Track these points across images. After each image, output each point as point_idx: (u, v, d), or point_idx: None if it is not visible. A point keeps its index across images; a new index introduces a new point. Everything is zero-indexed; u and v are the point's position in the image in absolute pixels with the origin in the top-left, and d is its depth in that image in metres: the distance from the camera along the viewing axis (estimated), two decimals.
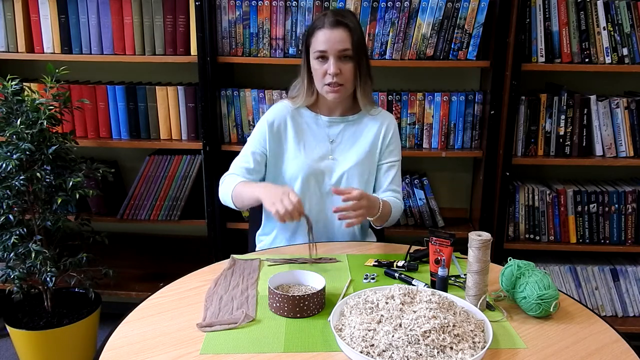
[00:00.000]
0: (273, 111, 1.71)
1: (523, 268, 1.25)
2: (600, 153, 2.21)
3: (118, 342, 1.12)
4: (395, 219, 1.71)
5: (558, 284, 2.33)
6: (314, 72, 1.62)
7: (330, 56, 1.57)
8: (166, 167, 2.33)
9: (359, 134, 1.72)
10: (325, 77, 1.59)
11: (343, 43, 1.56)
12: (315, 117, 1.71)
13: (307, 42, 1.62)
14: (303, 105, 1.71)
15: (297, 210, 1.38)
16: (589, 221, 2.26)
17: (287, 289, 1.28)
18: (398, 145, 1.77)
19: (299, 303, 1.19)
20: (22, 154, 1.89)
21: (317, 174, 1.68)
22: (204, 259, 1.81)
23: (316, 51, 1.58)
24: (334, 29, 1.56)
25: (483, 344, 1.06)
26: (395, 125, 1.76)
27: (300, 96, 1.69)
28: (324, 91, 1.62)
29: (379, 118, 1.73)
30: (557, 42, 2.12)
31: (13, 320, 2.08)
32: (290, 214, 1.37)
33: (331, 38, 1.56)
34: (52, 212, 2.00)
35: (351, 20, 1.60)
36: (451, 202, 2.54)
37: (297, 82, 1.71)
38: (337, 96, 1.61)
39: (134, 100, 2.27)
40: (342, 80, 1.59)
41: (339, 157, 1.70)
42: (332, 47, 1.56)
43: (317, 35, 1.58)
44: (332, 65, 1.56)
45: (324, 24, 1.57)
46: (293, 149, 1.69)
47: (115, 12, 2.17)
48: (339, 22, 1.57)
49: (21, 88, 2.00)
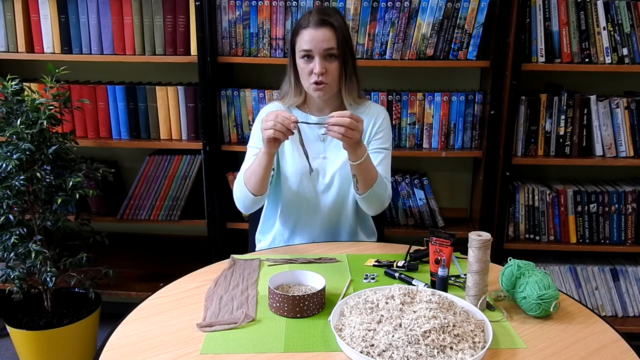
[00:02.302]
0: (265, 112, 1.71)
1: (523, 268, 1.25)
2: (600, 153, 2.21)
3: (118, 342, 1.12)
4: (381, 196, 1.61)
5: (558, 284, 2.33)
6: (300, 71, 1.63)
7: (315, 55, 1.58)
8: (166, 167, 2.33)
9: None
10: (311, 76, 1.59)
11: (328, 42, 1.57)
12: (305, 117, 1.71)
13: (293, 41, 1.63)
14: (292, 105, 1.72)
15: (286, 122, 1.41)
16: (589, 221, 2.26)
17: (287, 289, 1.28)
18: (388, 134, 1.73)
19: (299, 303, 1.19)
20: (22, 154, 1.89)
21: (311, 173, 1.67)
22: (204, 259, 1.82)
23: (301, 50, 1.59)
24: (318, 28, 1.57)
25: (483, 344, 1.06)
26: (386, 118, 1.73)
27: (289, 95, 1.70)
28: (310, 89, 1.63)
29: (368, 113, 1.71)
30: (557, 42, 2.12)
31: (13, 320, 2.08)
32: (280, 130, 1.41)
33: (316, 37, 1.57)
34: (52, 212, 2.00)
35: (336, 19, 1.60)
36: (451, 202, 2.54)
37: (285, 81, 1.72)
38: (323, 94, 1.62)
39: (134, 100, 2.27)
40: (328, 79, 1.60)
41: (329, 155, 1.70)
42: (316, 46, 1.57)
43: (302, 35, 1.59)
44: (318, 65, 1.57)
45: (309, 23, 1.58)
46: (288, 149, 1.69)
47: (115, 12, 2.17)
48: (323, 21, 1.58)
49: (21, 88, 2.00)
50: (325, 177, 1.69)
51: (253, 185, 1.57)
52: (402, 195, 2.34)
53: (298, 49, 1.61)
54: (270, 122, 1.42)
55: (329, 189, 1.70)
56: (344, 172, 1.67)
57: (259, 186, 1.57)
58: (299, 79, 1.66)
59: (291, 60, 1.66)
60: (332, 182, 1.69)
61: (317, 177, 1.69)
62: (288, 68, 1.69)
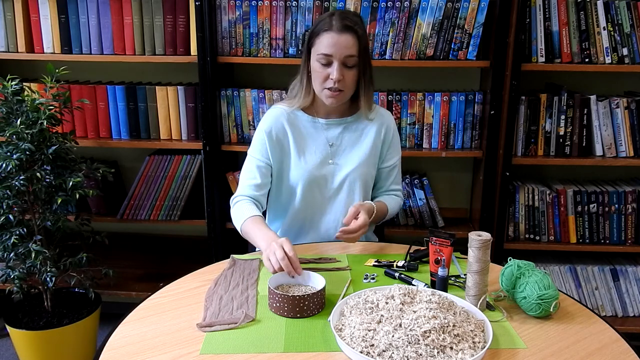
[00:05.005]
0: (268, 119, 1.67)
1: (523, 268, 1.25)
2: (600, 153, 2.21)
3: (118, 342, 1.12)
4: (393, 215, 1.78)
5: (558, 284, 2.33)
6: (314, 74, 1.58)
7: (335, 61, 1.53)
8: (166, 167, 2.33)
9: (358, 136, 1.69)
10: (327, 81, 1.55)
11: (350, 49, 1.53)
12: (313, 120, 1.68)
13: (311, 42, 1.57)
14: (299, 108, 1.67)
15: (289, 265, 1.28)
16: (589, 221, 2.26)
17: (287, 289, 1.28)
18: (398, 143, 1.77)
19: (299, 303, 1.19)
20: (22, 154, 1.89)
21: (318, 179, 1.66)
22: (204, 259, 1.82)
23: (320, 54, 1.54)
24: (342, 34, 1.51)
25: (483, 344, 1.06)
26: (394, 124, 1.75)
27: (298, 97, 1.65)
28: (323, 95, 1.59)
29: (378, 118, 1.71)
30: (557, 42, 2.12)
31: (13, 320, 2.08)
32: (281, 269, 1.30)
33: (338, 42, 1.51)
34: (52, 212, 2.00)
35: (360, 27, 1.56)
36: (451, 202, 2.54)
37: (295, 82, 1.68)
38: (336, 102, 1.59)
39: (134, 100, 2.27)
40: (343, 86, 1.56)
41: (339, 161, 1.68)
42: (338, 52, 1.52)
43: (322, 37, 1.53)
44: (336, 71, 1.52)
45: (332, 27, 1.52)
46: (294, 155, 1.66)
47: (115, 12, 2.17)
48: (347, 27, 1.52)
49: (21, 88, 2.00)
50: (334, 182, 1.68)
51: (247, 238, 1.58)
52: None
53: (316, 51, 1.55)
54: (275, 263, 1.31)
55: (337, 194, 1.69)
56: (353, 177, 1.67)
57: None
58: (310, 81, 1.61)
59: (305, 61, 1.61)
60: (341, 187, 1.68)
61: (326, 183, 1.68)
62: (301, 69, 1.63)
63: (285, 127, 1.66)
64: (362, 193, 1.69)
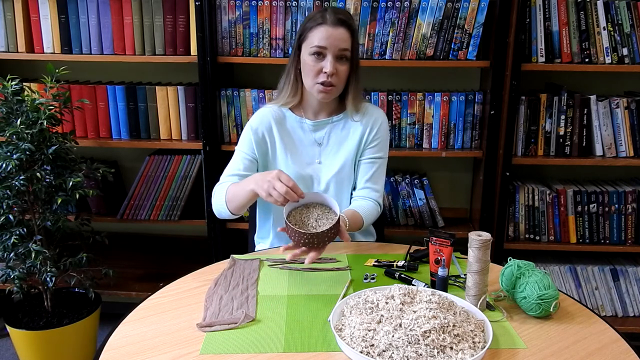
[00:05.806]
0: (256, 118, 1.67)
1: (523, 268, 1.25)
2: (600, 153, 2.21)
3: (118, 342, 1.12)
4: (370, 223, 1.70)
5: (558, 284, 2.33)
6: (306, 69, 1.56)
7: (328, 54, 1.52)
8: (166, 167, 2.33)
9: (345, 136, 1.67)
10: (319, 75, 1.54)
11: (344, 42, 1.53)
12: (300, 121, 1.66)
13: (303, 37, 1.56)
14: (286, 106, 1.66)
15: (292, 191, 1.33)
16: (589, 221, 2.26)
17: (301, 218, 1.36)
18: (384, 141, 1.70)
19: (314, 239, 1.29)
20: (22, 154, 1.89)
21: (305, 179, 1.65)
22: (204, 259, 1.82)
23: (314, 46, 1.52)
24: (336, 27, 1.52)
25: (483, 344, 1.06)
26: (384, 123, 1.69)
27: (284, 94, 1.64)
28: (314, 90, 1.57)
29: (365, 116, 1.67)
30: (557, 42, 2.12)
31: (13, 320, 2.08)
32: (287, 198, 1.33)
33: (333, 35, 1.52)
34: (52, 212, 2.00)
35: (353, 23, 1.57)
36: (451, 202, 2.54)
37: (283, 79, 1.66)
38: (327, 97, 1.58)
39: (134, 100, 2.27)
40: (336, 81, 1.55)
41: (325, 160, 1.66)
42: (332, 44, 1.52)
43: (316, 31, 1.53)
44: (330, 64, 1.52)
45: (326, 21, 1.52)
46: (281, 155, 1.65)
47: (115, 12, 2.17)
48: (342, 21, 1.53)
49: (21, 88, 2.00)
50: (320, 183, 1.66)
51: (234, 207, 1.55)
52: (402, 195, 2.34)
53: (309, 44, 1.54)
54: (276, 193, 1.34)
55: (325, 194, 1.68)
56: (340, 177, 1.65)
57: (239, 210, 1.56)
58: (299, 78, 1.61)
59: (294, 57, 1.60)
60: (327, 188, 1.66)
61: (312, 183, 1.67)
62: (289, 65, 1.62)
63: (272, 127, 1.65)
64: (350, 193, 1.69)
